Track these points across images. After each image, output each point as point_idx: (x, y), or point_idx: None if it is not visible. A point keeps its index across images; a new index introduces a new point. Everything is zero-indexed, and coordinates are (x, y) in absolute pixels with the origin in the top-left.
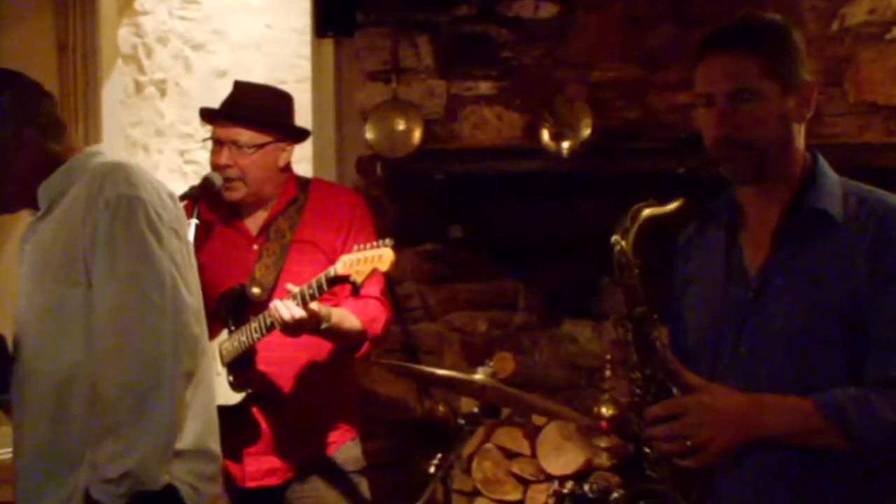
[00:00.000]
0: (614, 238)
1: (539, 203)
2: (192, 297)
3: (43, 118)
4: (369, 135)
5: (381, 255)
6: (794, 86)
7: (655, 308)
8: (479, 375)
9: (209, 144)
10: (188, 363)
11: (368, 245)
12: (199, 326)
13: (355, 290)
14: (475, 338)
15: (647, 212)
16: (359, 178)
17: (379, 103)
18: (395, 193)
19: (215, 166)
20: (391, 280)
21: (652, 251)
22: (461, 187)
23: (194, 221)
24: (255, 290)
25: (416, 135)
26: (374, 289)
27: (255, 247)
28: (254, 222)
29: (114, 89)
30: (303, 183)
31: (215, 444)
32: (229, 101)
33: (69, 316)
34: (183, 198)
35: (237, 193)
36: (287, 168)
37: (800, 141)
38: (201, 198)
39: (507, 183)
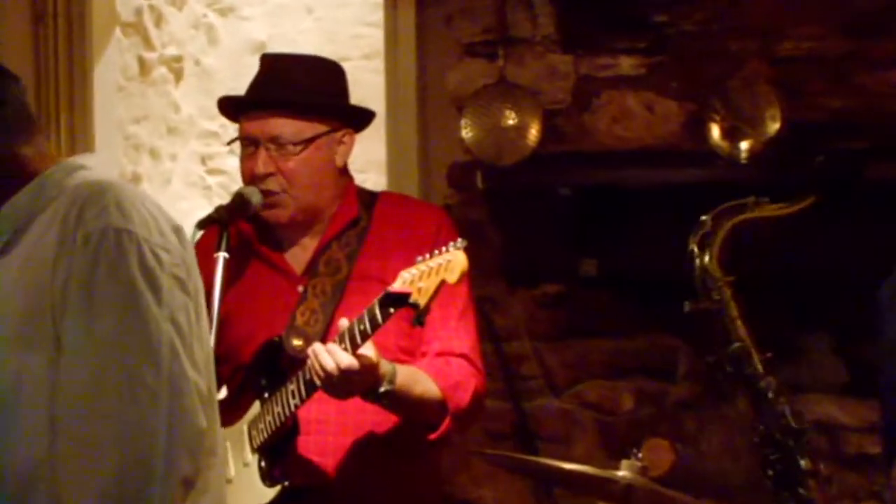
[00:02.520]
0: None
1: None
2: (200, 374)
3: (7, 109)
4: (466, 133)
5: (450, 263)
6: None
7: None
8: (623, 472)
9: (238, 147)
10: (187, 467)
11: (435, 252)
12: (208, 416)
13: (418, 318)
14: (617, 418)
15: None
16: (451, 192)
17: (480, 89)
18: (503, 215)
19: (250, 176)
20: (497, 335)
21: None
22: (596, 205)
23: (222, 255)
24: (296, 341)
25: (532, 132)
26: (460, 342)
27: (301, 287)
28: (299, 255)
29: (109, 71)
30: (367, 198)
31: None
32: (260, 82)
33: (28, 392)
34: (207, 223)
35: (283, 212)
36: (345, 171)
37: None
38: (232, 223)
39: (660, 199)
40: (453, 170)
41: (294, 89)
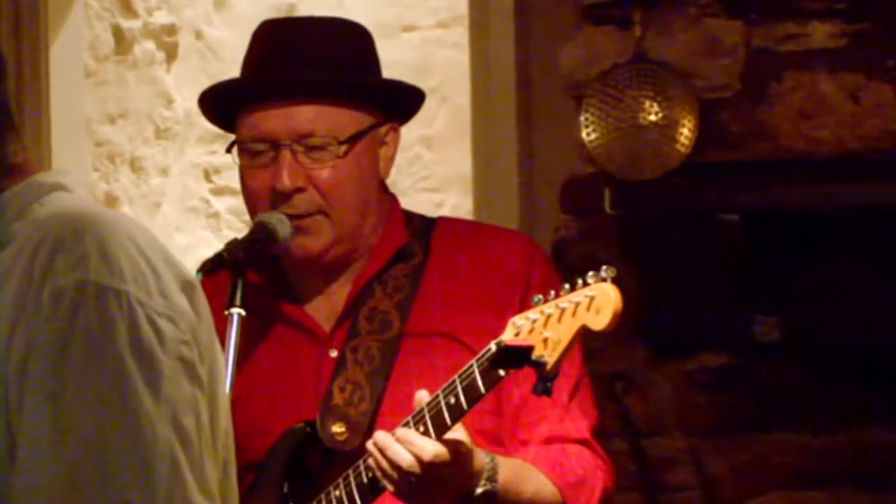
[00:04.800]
0: None
1: None
2: (213, 501)
3: None
4: (588, 134)
5: (593, 301)
6: None
7: None
8: None
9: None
10: None
11: (565, 287)
12: None
13: (543, 385)
14: None
15: None
16: (566, 220)
17: (607, 71)
18: (642, 252)
19: (268, 194)
20: (634, 428)
21: None
22: (777, 238)
23: (237, 312)
24: (336, 428)
25: (684, 133)
26: (577, 423)
27: (334, 351)
28: (324, 306)
29: (72, 49)
30: (419, 225)
31: None
32: (267, 59)
33: None
34: (214, 267)
35: (315, 241)
36: (385, 186)
37: None
38: (250, 265)
39: (871, 228)
40: (569, 188)
41: (325, 65)
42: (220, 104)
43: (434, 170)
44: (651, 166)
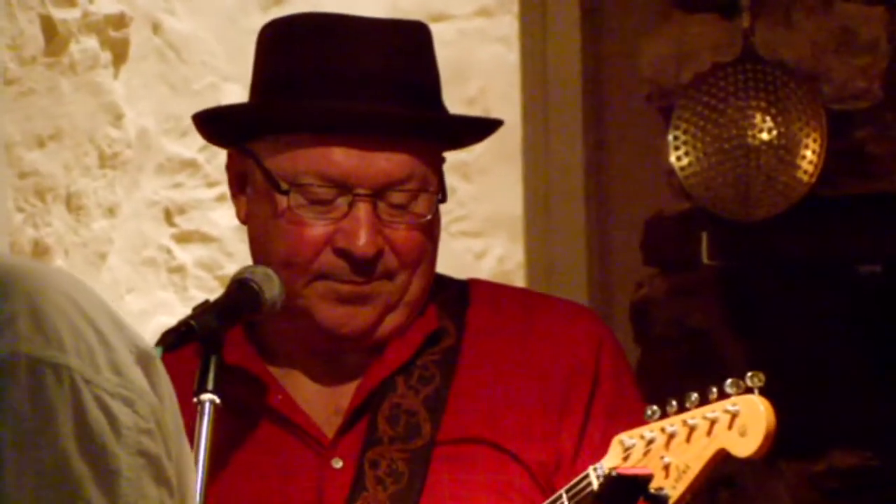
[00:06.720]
0: None
1: None
2: None
3: None
4: (680, 157)
5: (737, 417)
6: None
7: None
8: None
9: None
10: None
11: (691, 398)
12: None
13: None
14: None
15: None
16: (650, 274)
17: (705, 73)
18: (752, 316)
19: (346, 255)
20: None
21: None
22: None
23: (208, 399)
24: None
25: (808, 156)
26: None
27: (339, 462)
28: (325, 401)
29: None
30: (445, 290)
31: None
32: (333, 72)
33: None
34: (179, 340)
35: (370, 313)
36: None
37: None
38: (222, 337)
39: None
40: (654, 231)
41: (399, 90)
42: (237, 124)
43: (472, 208)
44: (764, 201)
